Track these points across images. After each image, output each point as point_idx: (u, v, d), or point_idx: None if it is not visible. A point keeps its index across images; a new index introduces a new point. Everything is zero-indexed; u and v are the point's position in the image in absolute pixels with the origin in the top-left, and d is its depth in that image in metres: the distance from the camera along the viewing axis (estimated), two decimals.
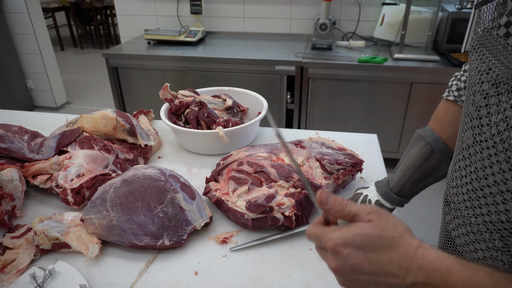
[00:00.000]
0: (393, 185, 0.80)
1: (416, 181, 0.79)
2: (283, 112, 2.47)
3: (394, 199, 0.80)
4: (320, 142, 1.04)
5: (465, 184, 0.58)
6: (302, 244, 0.82)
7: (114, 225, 0.79)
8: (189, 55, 2.45)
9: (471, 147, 0.56)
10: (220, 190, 0.92)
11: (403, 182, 0.79)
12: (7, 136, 0.97)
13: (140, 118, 1.29)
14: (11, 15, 3.37)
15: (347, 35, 2.71)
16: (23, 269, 0.74)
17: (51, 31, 5.67)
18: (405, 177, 0.79)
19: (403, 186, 0.80)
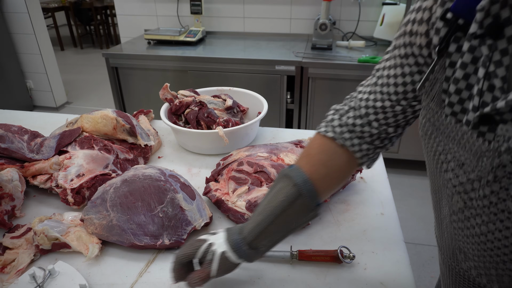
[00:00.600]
0: (247, 233, 0.61)
1: (276, 231, 0.62)
2: (283, 112, 2.47)
3: (243, 251, 0.61)
4: None
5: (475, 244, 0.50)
6: (302, 244, 0.82)
7: (114, 225, 0.79)
8: (189, 55, 2.45)
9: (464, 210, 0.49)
10: (220, 190, 0.92)
11: (259, 230, 0.61)
12: (7, 136, 0.97)
13: (140, 118, 1.29)
14: (11, 15, 3.36)
15: (347, 35, 2.71)
16: (23, 269, 0.74)
17: (51, 31, 5.67)
18: (262, 224, 0.60)
19: (259, 236, 0.61)
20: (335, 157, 0.63)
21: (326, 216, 0.90)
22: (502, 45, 0.40)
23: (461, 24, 0.44)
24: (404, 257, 0.78)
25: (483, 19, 0.40)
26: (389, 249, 0.80)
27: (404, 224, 2.18)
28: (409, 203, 2.35)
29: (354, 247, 0.80)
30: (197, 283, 0.61)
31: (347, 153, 0.64)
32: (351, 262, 0.76)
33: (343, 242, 0.81)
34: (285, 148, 0.99)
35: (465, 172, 0.46)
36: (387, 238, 0.83)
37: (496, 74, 0.40)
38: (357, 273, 0.75)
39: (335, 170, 0.64)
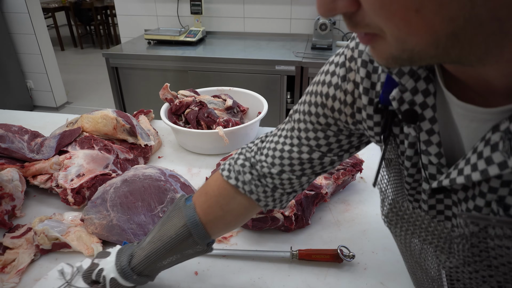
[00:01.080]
0: (136, 263, 0.62)
1: (165, 262, 0.63)
2: (283, 112, 2.47)
3: (133, 279, 0.62)
4: None
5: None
6: (302, 244, 0.82)
7: (114, 225, 0.79)
8: (189, 55, 2.45)
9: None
10: None
11: (148, 262, 0.62)
12: (7, 136, 0.97)
13: (140, 118, 1.29)
14: (11, 15, 3.36)
15: (347, 35, 2.71)
16: (23, 269, 0.74)
17: (51, 31, 5.67)
18: (152, 257, 0.62)
19: (148, 267, 0.63)
20: (233, 202, 0.61)
21: (326, 216, 0.90)
22: (426, 126, 0.41)
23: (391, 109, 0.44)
24: None
25: (399, 107, 0.41)
26: (389, 249, 0.80)
27: None
28: None
29: (354, 247, 0.80)
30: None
31: (249, 200, 0.61)
32: (351, 261, 0.76)
33: (343, 242, 0.81)
34: None
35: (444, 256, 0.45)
36: (387, 238, 0.83)
37: (429, 152, 0.42)
38: (357, 273, 0.75)
39: (233, 214, 0.62)
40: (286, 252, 0.78)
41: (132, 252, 0.64)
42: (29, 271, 0.75)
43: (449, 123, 0.41)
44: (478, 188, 0.38)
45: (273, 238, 0.84)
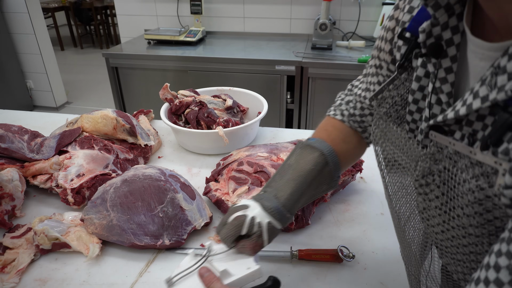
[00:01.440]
0: (285, 200, 0.62)
1: (305, 197, 0.64)
2: (283, 112, 2.47)
3: (286, 218, 0.62)
4: None
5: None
6: (302, 244, 0.82)
7: (114, 225, 0.79)
8: (189, 55, 2.45)
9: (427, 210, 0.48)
10: (220, 190, 0.92)
11: (296, 197, 0.62)
12: (7, 136, 0.97)
13: (140, 118, 1.29)
14: (11, 15, 3.36)
15: (347, 35, 2.72)
16: (23, 269, 0.74)
17: (51, 31, 5.67)
18: (296, 194, 0.62)
19: (296, 202, 0.63)
20: (349, 135, 0.69)
21: (326, 216, 0.90)
22: (446, 63, 0.42)
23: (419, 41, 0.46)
24: None
25: (425, 40, 0.43)
26: (389, 249, 0.80)
27: None
28: None
29: (354, 247, 0.80)
30: (249, 253, 0.62)
31: (357, 134, 0.69)
32: (351, 261, 0.76)
33: (343, 242, 0.81)
34: (285, 148, 0.99)
35: (411, 175, 0.48)
36: (387, 238, 0.84)
37: (442, 89, 0.43)
38: (357, 273, 0.75)
39: (353, 147, 0.70)
40: (286, 252, 0.78)
41: (273, 193, 0.62)
42: (29, 271, 0.75)
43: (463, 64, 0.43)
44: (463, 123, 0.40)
45: None
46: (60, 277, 0.74)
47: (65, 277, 0.74)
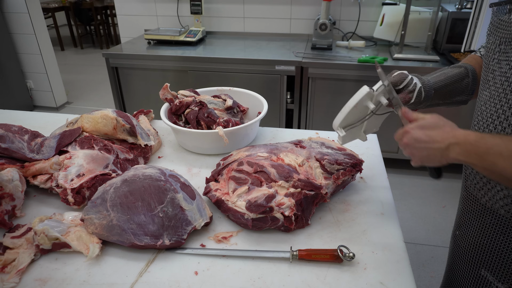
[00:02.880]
0: (433, 83, 0.85)
1: (444, 92, 0.86)
2: (283, 112, 2.47)
3: (428, 93, 0.84)
4: (320, 142, 1.04)
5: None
6: (302, 244, 0.82)
7: (114, 225, 0.79)
8: (189, 55, 2.45)
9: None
10: (220, 190, 0.92)
11: (438, 86, 0.85)
12: (7, 136, 0.97)
13: (140, 118, 1.29)
14: (11, 15, 3.36)
15: (347, 35, 2.72)
16: (23, 269, 0.74)
17: (51, 31, 5.67)
18: (441, 82, 0.85)
19: (436, 89, 0.85)
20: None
21: (326, 216, 0.90)
22: None
23: None
24: (404, 257, 0.78)
25: None
26: (389, 249, 0.80)
27: (404, 224, 2.18)
28: (409, 203, 2.35)
29: (354, 247, 0.80)
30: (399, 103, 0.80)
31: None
32: (351, 260, 0.76)
33: (343, 242, 0.81)
34: (285, 148, 0.99)
35: None
36: (387, 238, 0.84)
37: None
38: (357, 273, 0.75)
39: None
40: (286, 252, 0.78)
41: (428, 79, 0.86)
42: (29, 271, 0.75)
43: None
44: None
45: (273, 238, 0.84)
46: (60, 277, 0.74)
47: (65, 277, 0.74)
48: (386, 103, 0.82)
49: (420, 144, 0.67)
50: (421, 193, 2.45)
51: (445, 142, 0.65)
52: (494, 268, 0.75)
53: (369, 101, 0.84)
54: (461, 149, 0.64)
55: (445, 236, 2.10)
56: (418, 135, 0.67)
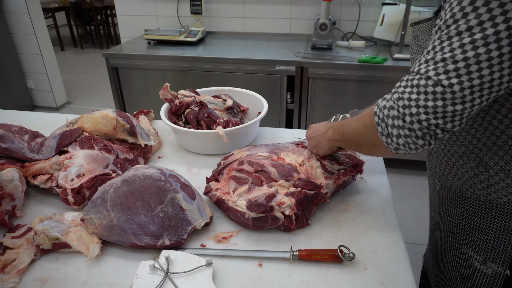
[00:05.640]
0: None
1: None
2: (283, 112, 2.47)
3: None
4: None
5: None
6: (302, 244, 0.82)
7: (115, 225, 0.79)
8: (189, 55, 2.45)
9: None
10: (220, 189, 0.92)
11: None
12: (8, 136, 0.97)
13: (140, 118, 1.29)
14: (11, 15, 3.37)
15: (347, 35, 2.72)
16: (23, 269, 0.74)
17: (51, 31, 5.67)
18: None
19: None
20: None
21: (326, 216, 0.90)
22: None
23: None
24: (404, 257, 0.78)
25: None
26: (389, 249, 0.80)
27: (404, 224, 2.18)
28: (409, 203, 2.35)
29: (354, 247, 0.80)
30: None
31: None
32: (351, 261, 0.76)
33: (343, 242, 0.81)
34: (286, 148, 0.99)
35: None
36: (387, 238, 0.84)
37: None
38: (357, 273, 0.75)
39: None
40: (286, 252, 0.78)
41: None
42: (29, 271, 0.75)
43: None
44: None
45: (273, 238, 0.84)
46: (60, 277, 0.74)
47: (65, 277, 0.74)
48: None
49: (311, 135, 0.95)
50: (421, 193, 2.45)
51: (324, 129, 0.89)
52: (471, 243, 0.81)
53: None
54: (333, 130, 0.85)
55: None
56: (309, 131, 0.97)
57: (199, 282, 0.70)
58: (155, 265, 0.71)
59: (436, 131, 0.61)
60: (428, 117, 0.59)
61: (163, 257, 0.74)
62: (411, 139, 0.63)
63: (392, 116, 0.64)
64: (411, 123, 0.61)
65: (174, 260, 0.74)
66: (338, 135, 0.83)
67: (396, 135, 0.64)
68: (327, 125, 0.89)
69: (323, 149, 0.91)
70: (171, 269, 0.72)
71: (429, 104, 0.59)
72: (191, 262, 0.73)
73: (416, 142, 0.63)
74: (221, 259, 0.78)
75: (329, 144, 0.88)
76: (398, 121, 0.63)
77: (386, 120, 0.65)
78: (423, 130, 0.61)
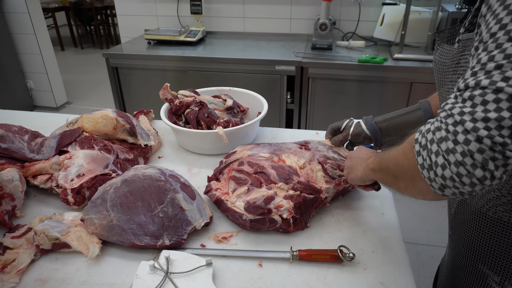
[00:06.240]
0: (379, 119, 0.97)
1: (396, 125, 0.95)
2: (283, 112, 2.47)
3: (375, 131, 0.96)
4: (328, 146, 1.04)
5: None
6: (302, 244, 0.82)
7: (114, 225, 0.79)
8: (189, 55, 2.45)
9: None
10: (220, 189, 0.92)
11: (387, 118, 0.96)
12: (8, 136, 0.97)
13: (140, 118, 1.29)
14: (11, 15, 3.36)
15: (347, 35, 2.72)
16: (23, 269, 0.74)
17: (51, 31, 5.67)
18: (389, 116, 0.96)
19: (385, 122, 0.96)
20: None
21: (327, 217, 0.90)
22: None
23: None
24: (404, 257, 0.78)
25: None
26: (389, 249, 0.80)
27: (404, 224, 2.18)
28: (409, 203, 2.35)
29: (354, 247, 0.80)
30: (337, 143, 1.04)
31: None
32: (351, 261, 0.76)
33: (343, 242, 0.81)
34: (289, 150, 0.99)
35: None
36: (387, 238, 0.84)
37: None
38: (357, 273, 0.75)
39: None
40: (286, 252, 0.78)
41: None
42: (29, 271, 0.75)
43: None
44: None
45: (273, 238, 0.84)
46: (60, 277, 0.74)
47: (65, 277, 0.74)
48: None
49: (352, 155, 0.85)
50: None
51: (368, 155, 0.78)
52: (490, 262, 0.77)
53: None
54: (374, 158, 0.73)
55: (445, 236, 2.10)
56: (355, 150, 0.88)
57: (199, 282, 0.70)
58: (155, 265, 0.71)
59: (506, 153, 0.43)
60: (491, 133, 0.43)
61: (163, 257, 0.74)
62: (465, 168, 0.45)
63: (439, 139, 0.48)
64: (466, 143, 0.45)
65: (174, 260, 0.74)
66: (377, 164, 0.70)
67: (442, 165, 0.47)
68: (374, 152, 0.78)
69: (354, 175, 0.79)
70: (171, 269, 0.72)
71: (491, 115, 0.44)
72: (191, 262, 0.73)
73: (473, 173, 0.45)
74: (221, 259, 0.78)
75: (364, 172, 0.75)
76: (447, 143, 0.47)
77: (429, 146, 0.49)
78: (484, 152, 0.44)
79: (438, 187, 0.49)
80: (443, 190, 0.49)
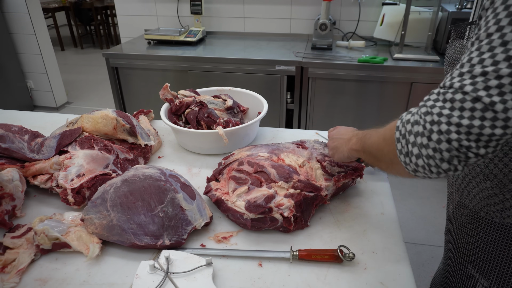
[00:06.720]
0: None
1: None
2: (283, 112, 2.47)
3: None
4: (323, 143, 1.04)
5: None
6: (302, 244, 0.82)
7: (115, 225, 0.79)
8: (189, 55, 2.45)
9: None
10: (220, 189, 0.92)
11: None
12: (8, 136, 0.97)
13: (140, 118, 1.29)
14: (11, 15, 3.37)
15: (347, 35, 2.72)
16: (23, 268, 0.74)
17: (51, 31, 5.67)
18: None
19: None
20: None
21: (326, 216, 0.90)
22: None
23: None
24: (404, 257, 0.78)
25: None
26: (389, 249, 0.80)
27: (404, 224, 2.18)
28: (409, 203, 2.35)
29: (354, 247, 0.80)
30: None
31: None
32: (351, 261, 0.76)
33: (343, 242, 0.81)
34: (287, 149, 0.99)
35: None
36: (387, 238, 0.84)
37: None
38: (357, 273, 0.75)
39: None
40: (286, 252, 0.78)
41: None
42: (29, 271, 0.75)
43: None
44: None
45: (273, 238, 0.84)
46: (60, 277, 0.74)
47: (65, 277, 0.74)
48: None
49: (334, 136, 0.90)
50: (421, 193, 2.45)
51: (349, 135, 0.84)
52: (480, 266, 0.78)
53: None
54: (357, 139, 0.78)
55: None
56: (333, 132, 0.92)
57: (199, 282, 0.70)
58: (155, 265, 0.71)
59: (468, 154, 0.51)
60: (460, 137, 0.50)
61: (163, 257, 0.74)
62: (434, 161, 0.53)
63: (416, 132, 0.55)
64: (438, 142, 0.52)
65: (174, 260, 0.74)
66: (359, 145, 0.76)
67: (416, 155, 0.55)
68: (353, 132, 0.84)
69: (341, 155, 0.85)
70: (171, 269, 0.72)
71: (463, 122, 0.49)
72: (191, 262, 0.73)
73: (440, 166, 0.53)
74: (221, 259, 0.78)
75: (349, 152, 0.82)
76: (422, 138, 0.54)
77: (407, 136, 0.56)
78: (451, 152, 0.51)
79: (411, 170, 0.58)
80: (416, 173, 0.58)
